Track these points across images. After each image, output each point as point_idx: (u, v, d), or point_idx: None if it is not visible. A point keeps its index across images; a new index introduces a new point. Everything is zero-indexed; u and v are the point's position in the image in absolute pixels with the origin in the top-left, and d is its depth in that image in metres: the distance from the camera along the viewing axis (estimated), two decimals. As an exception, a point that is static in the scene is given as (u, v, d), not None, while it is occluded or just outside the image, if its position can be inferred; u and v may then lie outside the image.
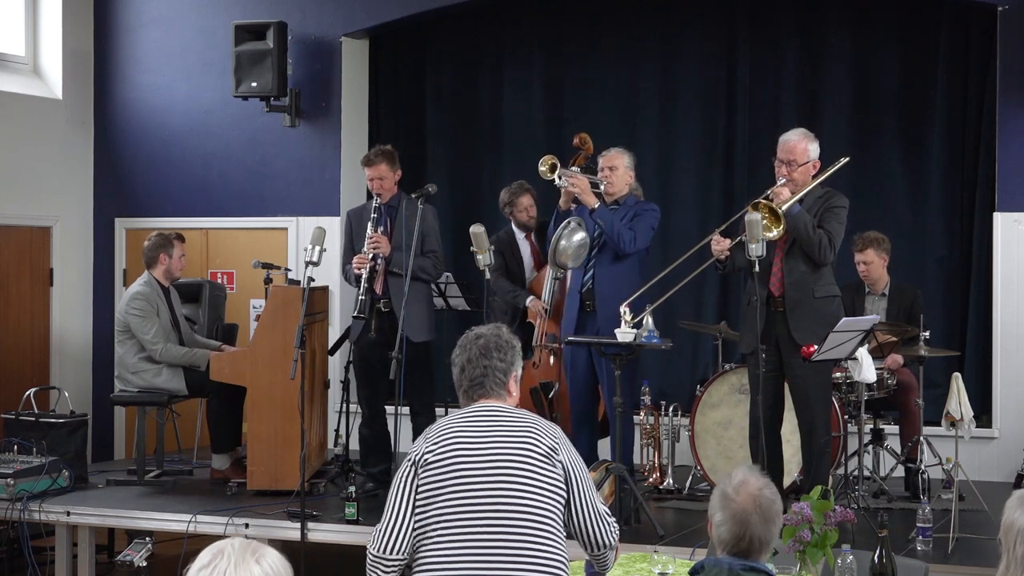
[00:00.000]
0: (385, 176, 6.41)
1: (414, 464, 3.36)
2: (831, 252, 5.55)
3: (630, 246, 6.20)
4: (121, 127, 8.87)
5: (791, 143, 5.64)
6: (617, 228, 6.17)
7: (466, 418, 3.42)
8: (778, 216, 5.40)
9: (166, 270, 6.90)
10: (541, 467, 3.31)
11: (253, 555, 2.11)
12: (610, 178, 6.31)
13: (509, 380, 3.49)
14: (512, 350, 3.51)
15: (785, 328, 5.57)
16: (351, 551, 6.11)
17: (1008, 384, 7.15)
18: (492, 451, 3.32)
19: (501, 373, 3.46)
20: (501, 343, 3.49)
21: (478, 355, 3.47)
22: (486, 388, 3.46)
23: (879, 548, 3.91)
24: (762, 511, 2.88)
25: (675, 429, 6.66)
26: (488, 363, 3.46)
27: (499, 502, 3.26)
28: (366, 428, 6.53)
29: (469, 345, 3.50)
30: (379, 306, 6.35)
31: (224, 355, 6.63)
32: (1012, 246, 7.18)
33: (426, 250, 6.37)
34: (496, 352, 3.47)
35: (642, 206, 6.37)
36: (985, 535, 5.39)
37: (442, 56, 8.68)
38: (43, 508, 6.18)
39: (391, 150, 6.51)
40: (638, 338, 5.74)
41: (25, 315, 8.46)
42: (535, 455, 3.31)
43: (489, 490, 3.27)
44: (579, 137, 6.77)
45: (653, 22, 8.24)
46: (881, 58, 7.79)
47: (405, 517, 3.35)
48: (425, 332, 6.42)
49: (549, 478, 3.31)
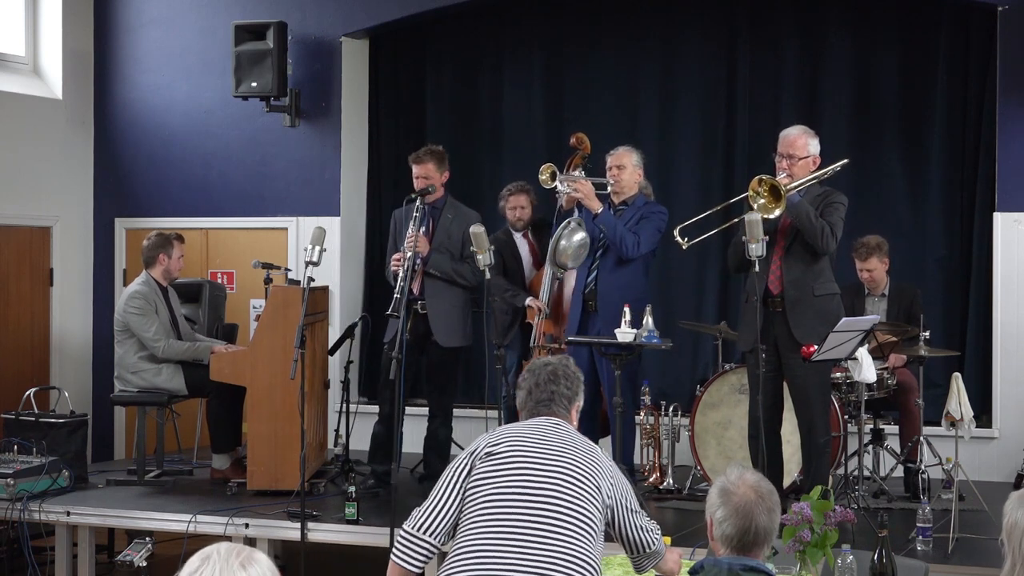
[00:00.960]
0: (431, 176, 6.35)
1: (472, 456, 3.49)
2: (833, 241, 5.55)
3: (633, 251, 6.16)
4: (121, 127, 8.87)
5: (791, 137, 5.66)
6: (619, 233, 6.13)
7: (531, 426, 3.59)
8: (778, 195, 5.38)
9: (164, 270, 6.89)
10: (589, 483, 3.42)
11: (239, 560, 2.11)
12: (618, 177, 6.29)
13: (572, 408, 3.68)
14: (577, 381, 3.71)
15: (785, 327, 5.57)
16: (351, 551, 6.12)
17: (1008, 384, 7.15)
18: (549, 454, 3.45)
19: (566, 400, 3.65)
20: (568, 372, 3.70)
21: (546, 380, 3.65)
22: (551, 409, 3.64)
23: (879, 548, 3.91)
24: (765, 501, 2.89)
25: (675, 429, 6.66)
26: (555, 388, 3.64)
27: (545, 500, 3.35)
28: (381, 425, 6.50)
29: (538, 371, 3.69)
30: (416, 307, 6.30)
31: (224, 355, 6.63)
32: (1012, 246, 7.18)
33: (465, 256, 6.33)
34: (564, 380, 3.68)
35: (650, 208, 6.34)
36: (985, 535, 5.40)
37: (442, 56, 8.68)
38: (43, 508, 6.18)
39: (441, 151, 6.45)
40: (638, 338, 5.74)
41: (25, 315, 8.46)
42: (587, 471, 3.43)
43: (539, 488, 3.38)
44: (576, 137, 6.76)
45: (653, 22, 8.24)
46: (881, 58, 7.79)
47: (449, 506, 3.45)
48: (457, 338, 6.38)
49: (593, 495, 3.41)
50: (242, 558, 2.12)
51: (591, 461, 3.47)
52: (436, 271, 6.21)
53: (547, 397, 3.63)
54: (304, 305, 5.73)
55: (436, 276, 6.22)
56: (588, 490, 3.40)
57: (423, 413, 6.80)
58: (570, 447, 3.49)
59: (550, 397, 3.63)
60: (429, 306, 6.25)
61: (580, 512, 3.36)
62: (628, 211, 6.28)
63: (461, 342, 6.44)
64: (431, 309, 6.22)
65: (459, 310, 6.42)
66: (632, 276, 6.26)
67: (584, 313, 6.32)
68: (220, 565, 2.09)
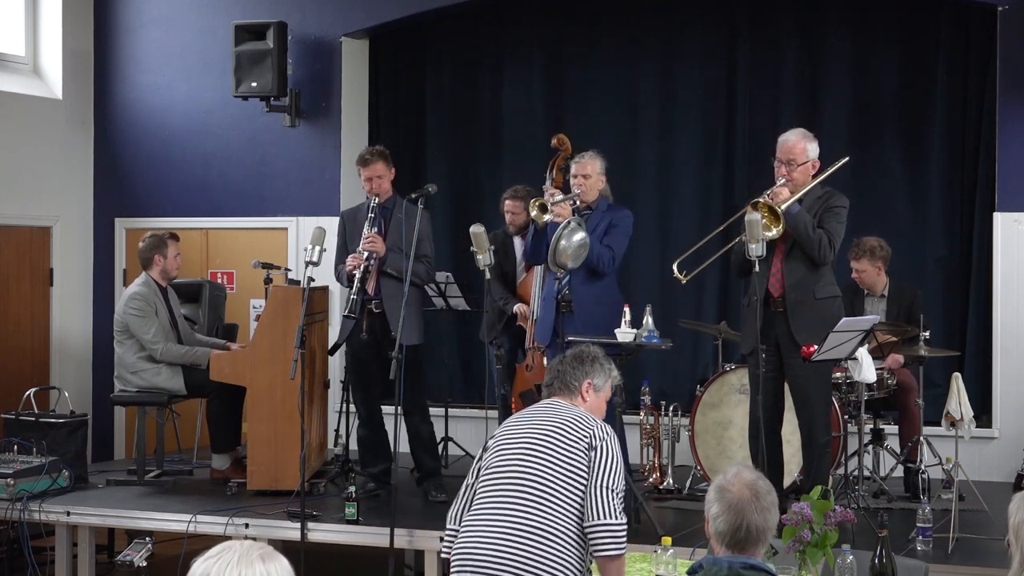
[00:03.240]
0: (383, 175, 6.38)
1: (483, 448, 3.86)
2: (831, 252, 5.53)
3: (609, 266, 6.10)
4: (121, 127, 8.87)
5: (790, 143, 5.63)
6: (596, 251, 6.09)
7: (529, 410, 3.87)
8: (777, 215, 5.40)
9: (162, 270, 6.89)
10: (568, 450, 3.64)
11: (259, 553, 2.20)
12: (583, 185, 6.23)
13: (582, 385, 3.86)
14: (595, 364, 3.90)
15: (785, 328, 5.56)
16: (351, 551, 6.12)
17: (1008, 384, 7.15)
18: (528, 430, 3.72)
19: (574, 380, 3.86)
20: (585, 357, 3.91)
21: (558, 362, 3.92)
22: (553, 388, 3.88)
23: (879, 548, 3.91)
24: (758, 499, 2.90)
25: (675, 429, 6.66)
26: (562, 369, 3.88)
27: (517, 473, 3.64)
28: (363, 429, 6.52)
29: (556, 361, 3.95)
30: (371, 307, 6.32)
31: (224, 355, 6.63)
32: (1012, 246, 7.18)
33: (419, 254, 6.33)
34: (574, 361, 3.89)
35: (615, 213, 6.26)
36: (985, 535, 5.40)
37: (442, 56, 8.68)
38: (43, 508, 6.18)
39: (385, 150, 6.48)
40: (638, 338, 5.74)
41: (25, 315, 8.46)
42: (567, 438, 3.66)
43: (511, 463, 3.67)
44: (557, 138, 6.74)
45: (653, 22, 8.25)
46: (881, 58, 7.79)
47: (467, 495, 3.84)
48: (416, 336, 6.38)
49: (573, 461, 3.62)
50: (262, 552, 2.21)
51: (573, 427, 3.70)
52: (393, 270, 6.21)
53: (550, 380, 3.88)
54: (304, 305, 5.74)
55: (392, 275, 6.22)
56: (564, 461, 3.62)
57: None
58: (551, 420, 3.73)
59: (553, 379, 3.87)
60: (386, 305, 6.23)
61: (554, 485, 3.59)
62: (594, 216, 6.21)
63: (418, 340, 6.41)
64: (388, 308, 6.21)
65: (415, 308, 6.40)
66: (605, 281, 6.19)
67: (558, 315, 6.25)
68: (240, 553, 2.19)
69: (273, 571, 2.19)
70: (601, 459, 3.64)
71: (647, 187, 8.13)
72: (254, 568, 2.16)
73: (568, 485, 3.60)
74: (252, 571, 2.16)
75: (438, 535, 5.59)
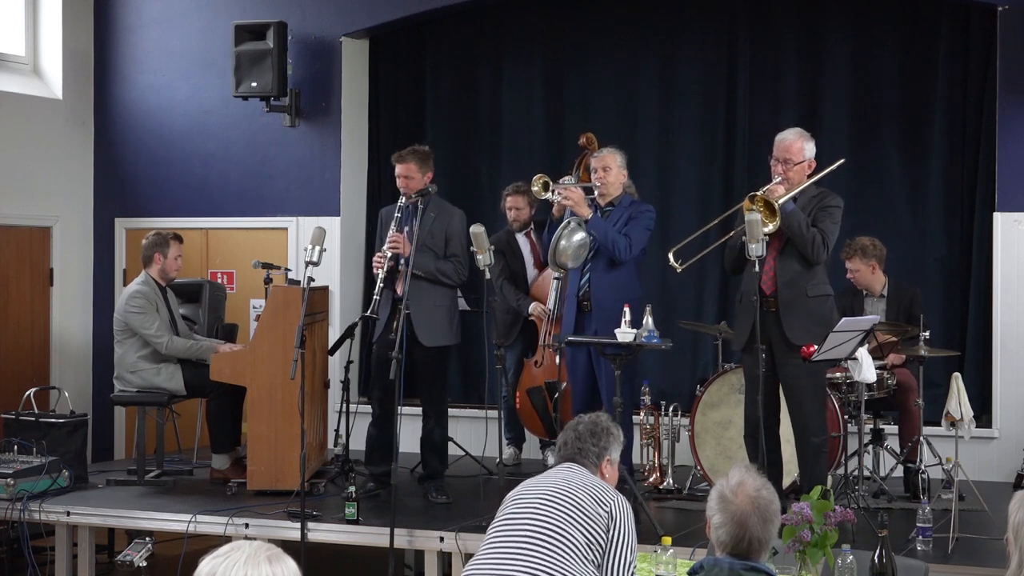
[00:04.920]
0: (412, 176, 6.26)
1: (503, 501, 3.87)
2: (824, 251, 5.54)
3: (625, 254, 6.15)
4: (121, 127, 8.87)
5: (787, 142, 5.64)
6: (611, 237, 6.13)
7: (549, 471, 3.90)
8: (774, 210, 5.39)
9: (161, 269, 6.88)
10: (587, 507, 3.62)
11: (267, 554, 2.21)
12: (604, 179, 6.28)
13: (602, 463, 3.91)
14: (608, 436, 3.93)
15: (778, 327, 5.56)
16: (351, 551, 6.12)
17: (1008, 384, 7.15)
18: (549, 484, 3.74)
19: (594, 456, 3.89)
20: (598, 430, 3.93)
21: (574, 439, 3.92)
22: (576, 460, 3.89)
23: (879, 548, 3.91)
24: (760, 512, 2.89)
25: (675, 429, 6.66)
26: (582, 446, 3.90)
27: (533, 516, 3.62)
28: (375, 427, 6.48)
29: (570, 429, 3.96)
30: (401, 307, 6.27)
31: (224, 355, 6.62)
32: (1012, 246, 7.18)
33: (449, 254, 6.30)
34: (591, 437, 3.91)
35: (637, 207, 6.33)
36: (985, 535, 5.40)
37: (442, 56, 8.68)
38: (43, 508, 6.18)
39: (425, 151, 6.36)
40: (638, 338, 5.74)
41: (25, 315, 8.46)
42: (589, 499, 3.65)
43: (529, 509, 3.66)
44: (585, 137, 6.77)
45: (653, 22, 8.24)
46: (881, 58, 7.79)
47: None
48: (441, 337, 6.33)
49: (590, 517, 3.60)
50: (270, 554, 2.21)
51: (593, 492, 3.68)
52: (420, 271, 6.16)
53: (576, 450, 3.89)
54: (304, 305, 5.73)
55: (420, 276, 6.18)
56: (584, 516, 3.59)
57: (418, 413, 6.79)
58: (570, 483, 3.72)
59: (578, 450, 3.89)
60: (412, 307, 6.19)
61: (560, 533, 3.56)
62: (615, 212, 6.27)
63: (446, 341, 6.36)
64: (413, 310, 6.17)
65: (444, 309, 6.35)
66: (625, 277, 6.24)
67: (580, 313, 6.31)
68: (248, 554, 2.19)
69: (279, 573, 2.19)
70: (622, 532, 3.64)
71: (647, 187, 8.09)
72: (260, 569, 2.16)
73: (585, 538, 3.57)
74: (258, 572, 2.16)
75: (438, 535, 5.61)
